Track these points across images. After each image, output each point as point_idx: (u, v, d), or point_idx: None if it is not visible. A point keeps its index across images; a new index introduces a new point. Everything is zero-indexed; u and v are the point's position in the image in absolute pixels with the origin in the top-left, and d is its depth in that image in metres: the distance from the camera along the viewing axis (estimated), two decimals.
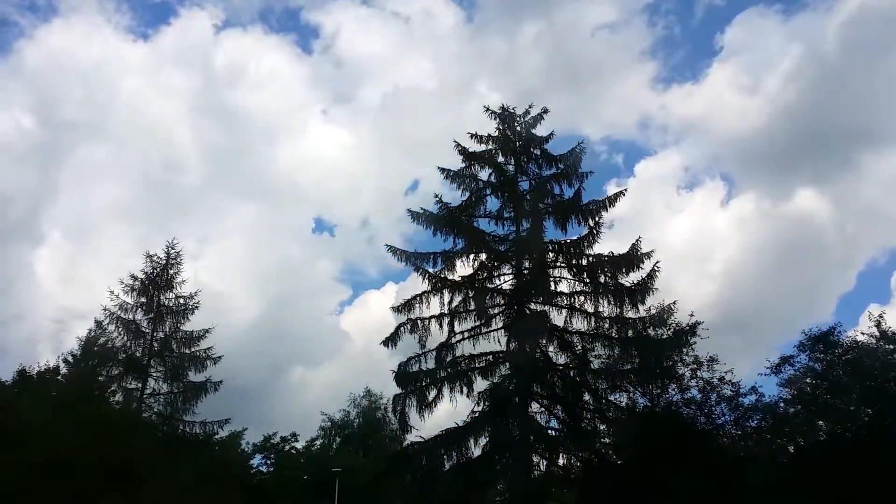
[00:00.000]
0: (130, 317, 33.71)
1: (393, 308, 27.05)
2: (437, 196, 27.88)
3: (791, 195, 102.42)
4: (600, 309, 26.01)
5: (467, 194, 28.06)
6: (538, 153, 28.59)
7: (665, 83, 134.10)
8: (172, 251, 35.44)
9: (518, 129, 28.70)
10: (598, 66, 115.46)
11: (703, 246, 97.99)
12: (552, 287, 26.63)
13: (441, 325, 26.38)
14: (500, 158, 28.56)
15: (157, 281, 34.63)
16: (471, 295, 26.66)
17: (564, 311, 26.44)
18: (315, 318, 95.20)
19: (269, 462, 49.62)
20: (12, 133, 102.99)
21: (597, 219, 26.79)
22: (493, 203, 28.24)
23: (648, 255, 25.94)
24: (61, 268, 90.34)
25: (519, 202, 27.97)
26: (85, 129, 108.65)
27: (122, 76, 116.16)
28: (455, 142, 28.29)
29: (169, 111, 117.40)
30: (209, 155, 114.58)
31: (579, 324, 26.24)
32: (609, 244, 26.87)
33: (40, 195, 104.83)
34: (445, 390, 25.91)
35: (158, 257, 35.11)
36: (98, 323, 33.34)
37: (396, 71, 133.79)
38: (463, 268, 27.28)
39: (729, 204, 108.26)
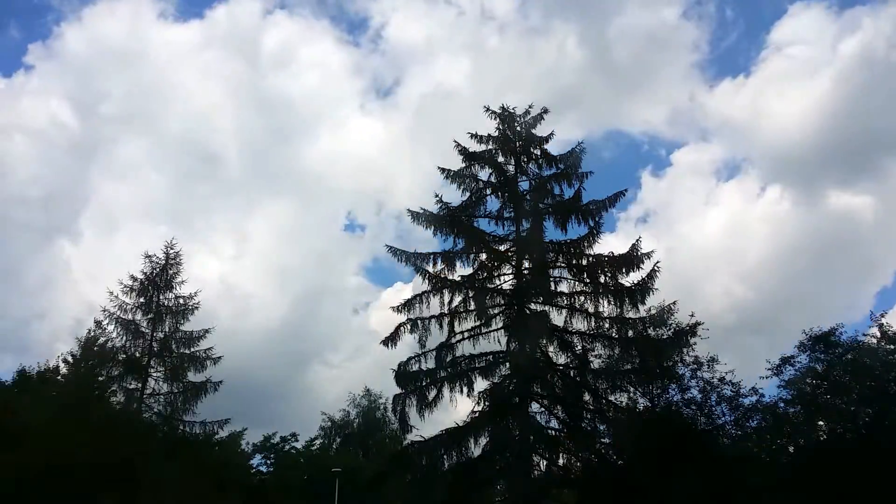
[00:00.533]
0: (130, 317, 33.74)
1: (393, 308, 27.08)
2: (437, 196, 27.90)
3: (827, 193, 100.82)
4: (600, 309, 26.02)
5: (467, 194, 28.05)
6: (538, 153, 28.58)
7: (710, 78, 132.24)
8: (171, 251, 35.45)
9: (518, 128, 28.68)
10: (642, 60, 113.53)
11: (736, 242, 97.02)
12: (552, 287, 26.64)
13: (441, 325, 26.36)
14: (501, 158, 28.53)
15: (156, 281, 34.65)
16: (471, 295, 26.63)
17: (564, 311, 26.43)
18: (344, 316, 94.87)
19: (268, 462, 49.66)
20: (50, 121, 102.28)
21: (597, 219, 26.87)
22: (493, 203, 28.25)
23: (648, 255, 25.96)
24: (90, 265, 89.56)
25: (519, 202, 27.96)
26: (123, 118, 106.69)
27: (165, 62, 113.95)
28: (455, 141, 28.29)
29: (209, 99, 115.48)
30: (247, 147, 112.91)
31: (579, 324, 26.25)
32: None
33: (75, 188, 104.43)
34: (445, 390, 25.91)
35: (158, 258, 35.13)
36: (97, 323, 33.37)
37: (439, 64, 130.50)
38: (463, 268, 27.33)
39: (764, 200, 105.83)
